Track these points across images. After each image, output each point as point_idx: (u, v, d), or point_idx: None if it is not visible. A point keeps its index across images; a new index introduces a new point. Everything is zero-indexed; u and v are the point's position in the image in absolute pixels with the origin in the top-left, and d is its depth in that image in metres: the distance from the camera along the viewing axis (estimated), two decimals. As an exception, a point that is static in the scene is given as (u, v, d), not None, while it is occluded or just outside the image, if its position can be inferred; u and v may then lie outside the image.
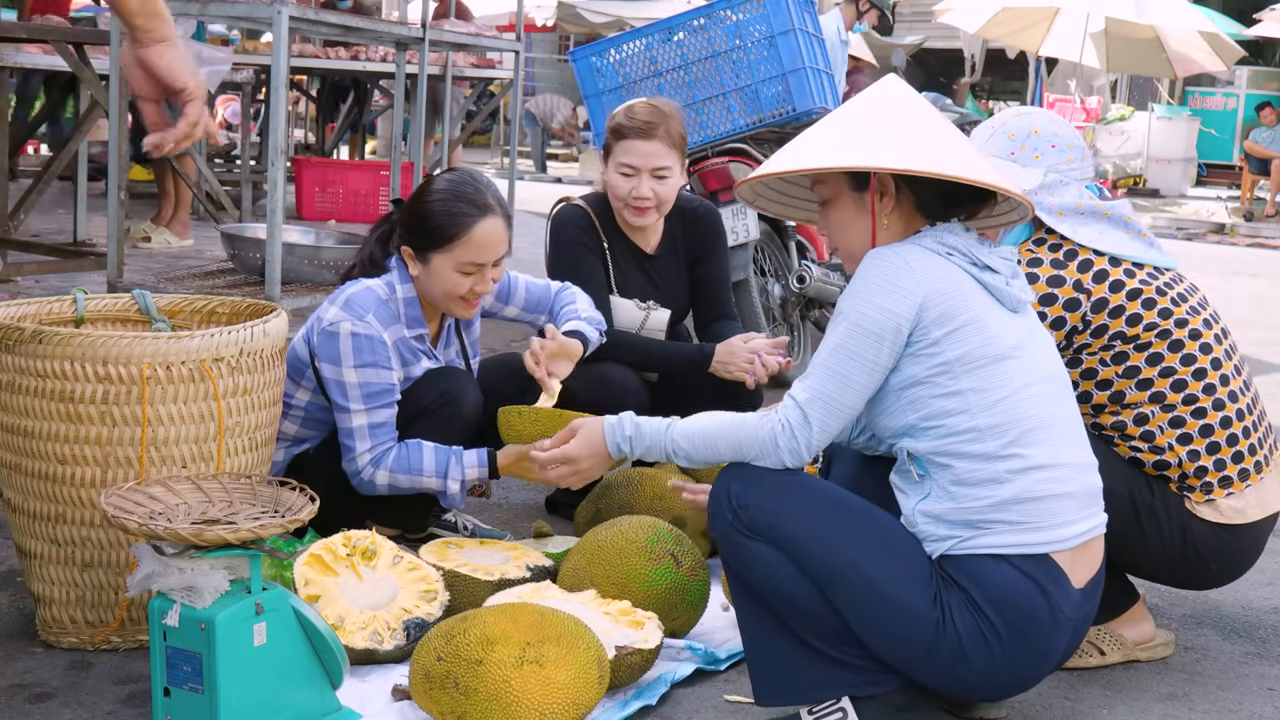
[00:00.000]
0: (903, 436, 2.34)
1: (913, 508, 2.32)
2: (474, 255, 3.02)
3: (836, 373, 2.30)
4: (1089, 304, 2.72)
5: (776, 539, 2.31)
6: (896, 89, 2.44)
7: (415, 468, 2.99)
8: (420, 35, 6.26)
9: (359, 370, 2.97)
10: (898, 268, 2.28)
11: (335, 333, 2.98)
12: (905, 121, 2.35)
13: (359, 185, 9.39)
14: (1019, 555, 2.24)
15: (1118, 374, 2.74)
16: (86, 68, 5.65)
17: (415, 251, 3.07)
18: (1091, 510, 2.33)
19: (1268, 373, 6.25)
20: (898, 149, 2.29)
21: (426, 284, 3.09)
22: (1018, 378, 2.28)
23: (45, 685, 2.53)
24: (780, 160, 2.41)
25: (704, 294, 3.84)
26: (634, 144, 3.57)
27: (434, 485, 3.01)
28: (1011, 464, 2.24)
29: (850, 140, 2.34)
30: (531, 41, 21.55)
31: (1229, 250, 12.59)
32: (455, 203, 3.02)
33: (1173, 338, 2.73)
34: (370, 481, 3.00)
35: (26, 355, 2.56)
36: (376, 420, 3.00)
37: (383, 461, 2.99)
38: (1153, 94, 20.10)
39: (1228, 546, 2.75)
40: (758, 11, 5.20)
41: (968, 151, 2.39)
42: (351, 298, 3.02)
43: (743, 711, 2.56)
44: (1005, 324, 2.31)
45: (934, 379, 2.27)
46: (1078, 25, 13.88)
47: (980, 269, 2.33)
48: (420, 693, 2.37)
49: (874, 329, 2.27)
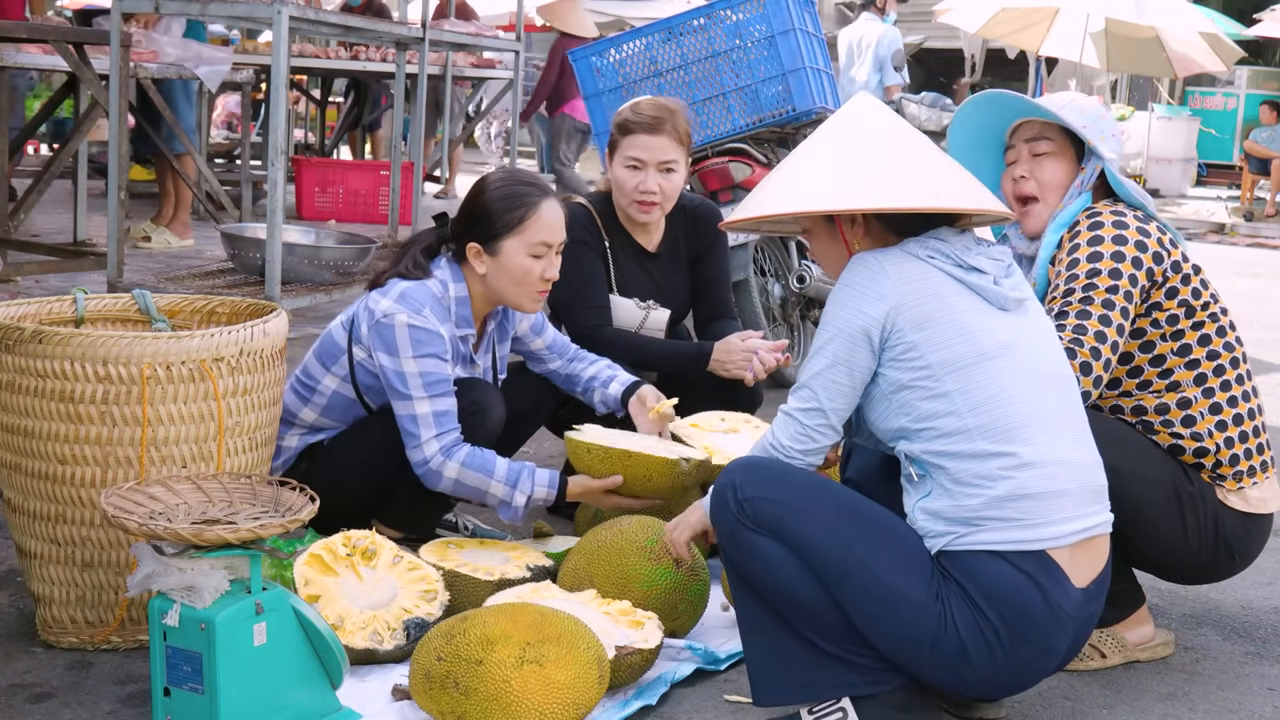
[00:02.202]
0: (899, 439, 2.36)
1: (914, 505, 2.34)
2: (544, 235, 3.05)
3: (817, 374, 2.37)
4: (1169, 262, 2.75)
5: (781, 533, 2.32)
6: (863, 113, 2.46)
7: (487, 469, 2.97)
8: (420, 35, 6.26)
9: (419, 360, 2.96)
10: (873, 272, 2.33)
11: (391, 324, 2.97)
12: (870, 151, 2.38)
13: (359, 185, 9.39)
14: (1014, 552, 2.25)
15: (1172, 351, 2.75)
16: (86, 68, 5.64)
17: (483, 244, 3.07)
18: (1092, 509, 2.33)
19: (1268, 372, 6.25)
20: (856, 186, 2.33)
21: (496, 278, 3.08)
22: (1003, 376, 2.28)
23: (45, 685, 2.53)
24: (750, 205, 2.47)
25: (704, 293, 3.85)
26: (641, 138, 3.58)
27: (500, 493, 2.98)
28: (1002, 462, 2.25)
29: (811, 181, 2.38)
30: (531, 41, 21.53)
31: (1229, 250, 12.58)
32: (516, 186, 3.08)
33: (1219, 323, 2.78)
34: (438, 472, 2.96)
35: (26, 355, 2.56)
36: (440, 408, 2.98)
37: (454, 454, 2.96)
38: (1153, 94, 20.10)
39: (1250, 536, 2.79)
40: (758, 11, 5.20)
41: (936, 171, 2.38)
42: (407, 291, 3.02)
43: (743, 711, 2.56)
44: (991, 323, 2.32)
45: (918, 383, 2.30)
46: (1078, 25, 13.86)
47: (965, 270, 2.34)
48: (420, 693, 2.37)
49: (849, 331, 2.32)
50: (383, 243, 5.98)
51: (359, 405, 3.14)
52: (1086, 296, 2.68)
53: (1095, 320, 2.66)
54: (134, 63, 6.23)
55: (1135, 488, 2.66)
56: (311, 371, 3.15)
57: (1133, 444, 2.73)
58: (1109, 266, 2.68)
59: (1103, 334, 2.65)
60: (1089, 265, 2.69)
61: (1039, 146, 2.86)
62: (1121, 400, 2.78)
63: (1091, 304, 2.67)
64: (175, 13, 5.32)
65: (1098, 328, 2.65)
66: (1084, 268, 2.70)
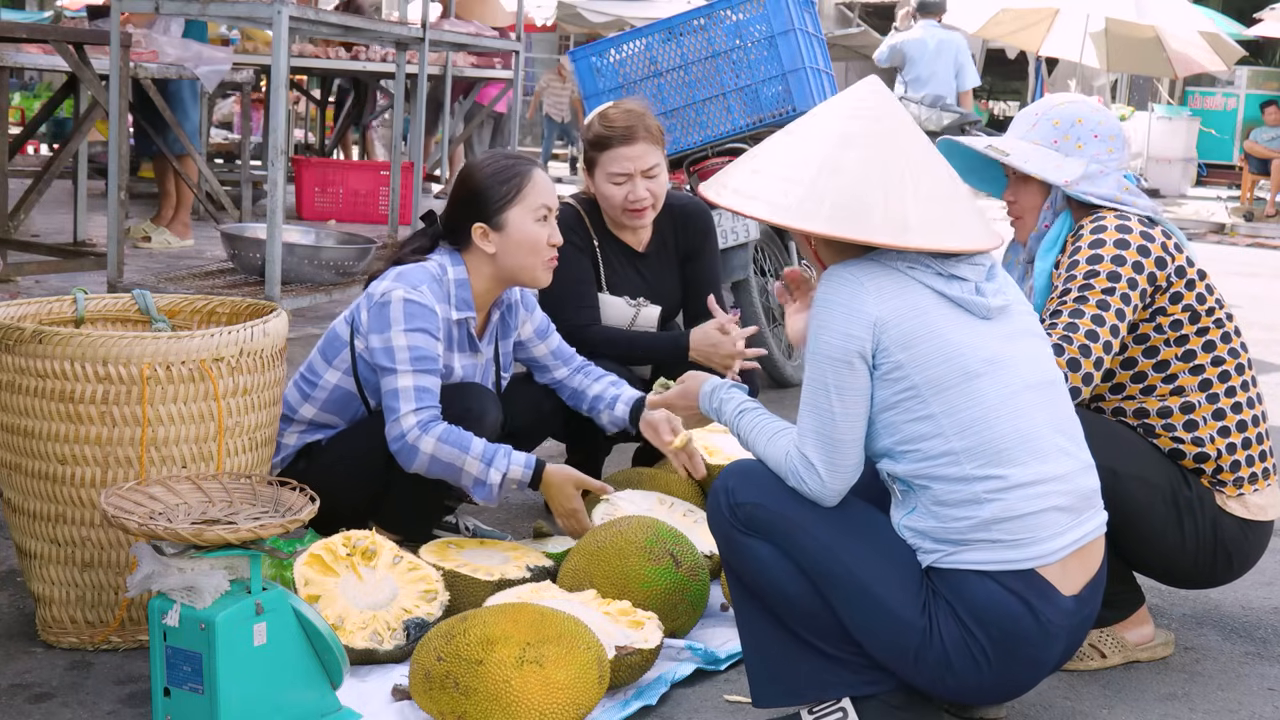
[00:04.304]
0: (882, 458, 2.30)
1: (898, 522, 2.31)
2: (544, 198, 3.10)
3: (818, 408, 2.25)
4: (1173, 266, 2.74)
5: (773, 537, 2.31)
6: (868, 109, 2.30)
7: (463, 445, 2.94)
8: (420, 35, 6.26)
9: (408, 334, 2.97)
10: (851, 288, 2.22)
11: (387, 302, 2.99)
12: (855, 164, 2.22)
13: (359, 185, 9.38)
14: (1002, 571, 2.21)
15: (1176, 356, 2.75)
16: (86, 68, 5.64)
17: (488, 222, 3.08)
18: (1085, 515, 2.29)
19: (1268, 372, 6.25)
20: (827, 207, 2.19)
21: (507, 253, 3.09)
22: (990, 395, 2.21)
23: (45, 685, 2.53)
24: (725, 194, 2.31)
25: (695, 290, 3.83)
26: (620, 151, 3.57)
27: (475, 470, 2.94)
28: (989, 485, 2.20)
29: (788, 189, 2.23)
30: (531, 41, 21.56)
31: (1229, 250, 12.57)
32: (503, 160, 3.14)
33: (1224, 329, 2.78)
34: (414, 447, 2.92)
35: (26, 355, 2.56)
36: (422, 384, 2.96)
37: (431, 429, 2.93)
38: (1153, 94, 20.11)
39: (1249, 542, 2.79)
40: (758, 11, 5.20)
41: (924, 191, 2.23)
42: (404, 271, 3.04)
43: (743, 711, 2.56)
44: (975, 338, 2.23)
45: (903, 403, 2.22)
46: (1078, 25, 13.87)
47: (946, 280, 2.24)
48: (420, 693, 2.37)
49: (840, 356, 2.21)
50: (382, 243, 5.98)
51: (358, 400, 3.14)
52: (1081, 296, 2.67)
53: (1088, 319, 2.65)
54: (134, 63, 6.22)
55: (1133, 490, 2.66)
56: (315, 367, 3.16)
57: (1132, 447, 2.72)
58: (1108, 269, 2.68)
59: (1094, 333, 2.64)
60: (1088, 267, 2.69)
61: (1015, 170, 2.88)
62: (1124, 403, 2.78)
63: (1086, 303, 2.66)
64: (175, 13, 5.32)
65: (1089, 326, 2.65)
66: (1083, 269, 2.70)
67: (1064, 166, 2.79)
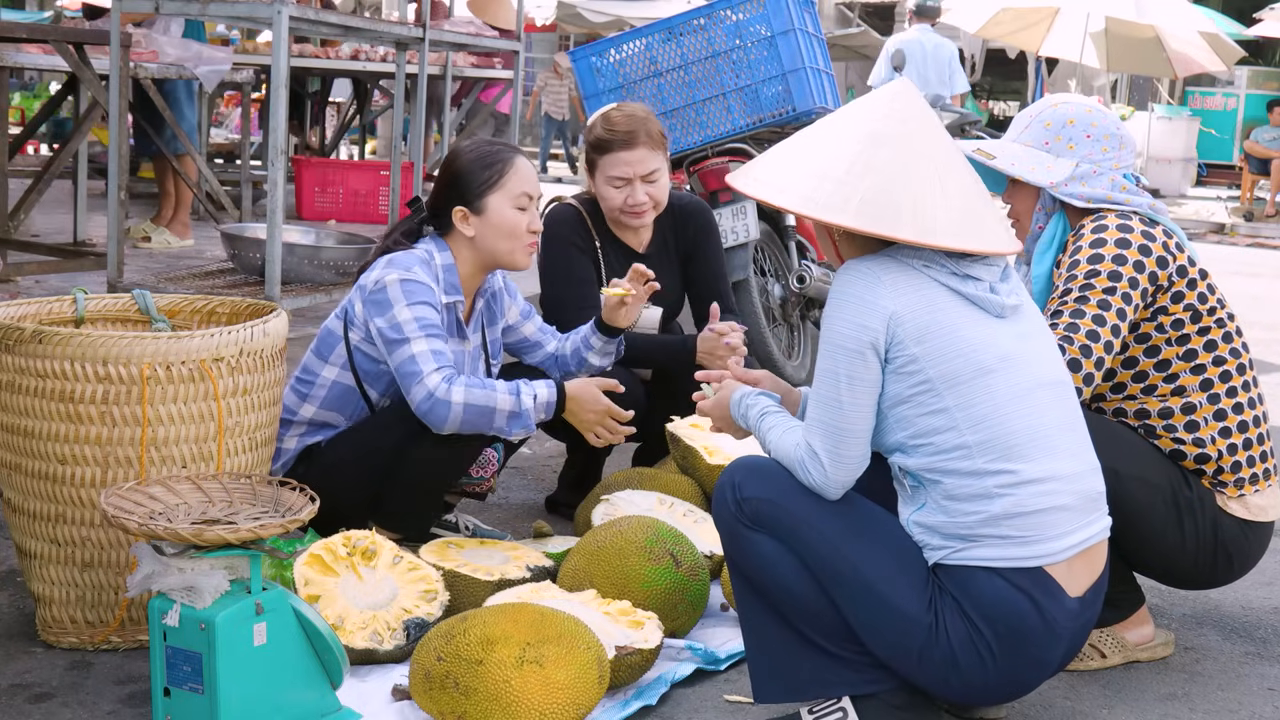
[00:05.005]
0: (894, 452, 2.31)
1: (907, 519, 2.31)
2: (525, 186, 3.12)
3: (827, 398, 2.27)
4: (1174, 266, 2.73)
5: (779, 532, 2.31)
6: (898, 109, 2.31)
7: (489, 386, 2.96)
8: (420, 35, 6.26)
9: (411, 307, 2.99)
10: (868, 282, 2.25)
11: (383, 286, 3.01)
12: (881, 162, 2.24)
13: (359, 185, 9.38)
14: (1011, 569, 2.22)
15: (1177, 356, 2.74)
16: (86, 68, 5.64)
17: (469, 205, 3.10)
18: (1091, 517, 2.31)
19: (1268, 372, 6.25)
20: (856, 202, 2.21)
21: (486, 237, 3.11)
22: (1003, 391, 2.23)
23: (45, 685, 2.53)
24: (756, 186, 2.34)
25: (701, 290, 3.82)
26: (620, 155, 3.58)
27: (508, 405, 2.95)
28: (1001, 480, 2.22)
29: (819, 184, 2.25)
30: (531, 41, 21.56)
31: (1229, 250, 12.58)
32: (487, 146, 3.16)
33: (1226, 328, 2.77)
34: (445, 400, 2.92)
35: (26, 355, 2.56)
36: (436, 347, 2.98)
37: (456, 380, 2.95)
38: (1153, 94, 20.10)
39: (1249, 543, 2.79)
40: (758, 11, 5.20)
41: (951, 192, 2.26)
42: (394, 258, 3.07)
43: (743, 711, 2.56)
44: (989, 334, 2.26)
45: (917, 397, 2.24)
46: (1078, 25, 13.87)
47: (961, 279, 2.26)
48: (420, 693, 2.37)
49: (852, 346, 2.23)
50: (382, 243, 5.97)
51: (358, 394, 3.14)
52: (1082, 296, 2.67)
53: (1089, 320, 2.65)
54: (134, 63, 6.22)
55: (1134, 491, 2.66)
56: (310, 366, 3.15)
57: (1133, 447, 2.72)
58: (1108, 269, 2.68)
59: (1095, 333, 2.64)
60: (1089, 267, 2.69)
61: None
62: (1125, 403, 2.78)
63: (1086, 304, 2.66)
64: (175, 13, 5.32)
65: (1090, 326, 2.65)
66: (1083, 269, 2.69)
67: (1053, 168, 2.80)
